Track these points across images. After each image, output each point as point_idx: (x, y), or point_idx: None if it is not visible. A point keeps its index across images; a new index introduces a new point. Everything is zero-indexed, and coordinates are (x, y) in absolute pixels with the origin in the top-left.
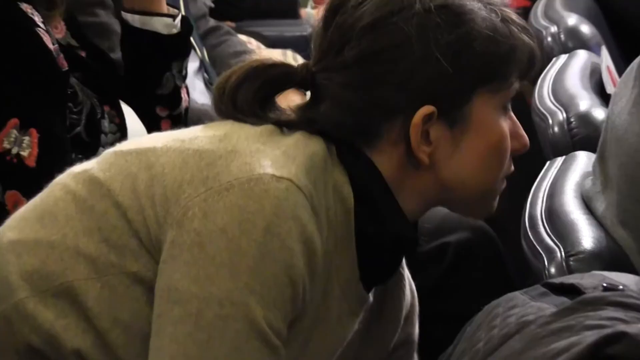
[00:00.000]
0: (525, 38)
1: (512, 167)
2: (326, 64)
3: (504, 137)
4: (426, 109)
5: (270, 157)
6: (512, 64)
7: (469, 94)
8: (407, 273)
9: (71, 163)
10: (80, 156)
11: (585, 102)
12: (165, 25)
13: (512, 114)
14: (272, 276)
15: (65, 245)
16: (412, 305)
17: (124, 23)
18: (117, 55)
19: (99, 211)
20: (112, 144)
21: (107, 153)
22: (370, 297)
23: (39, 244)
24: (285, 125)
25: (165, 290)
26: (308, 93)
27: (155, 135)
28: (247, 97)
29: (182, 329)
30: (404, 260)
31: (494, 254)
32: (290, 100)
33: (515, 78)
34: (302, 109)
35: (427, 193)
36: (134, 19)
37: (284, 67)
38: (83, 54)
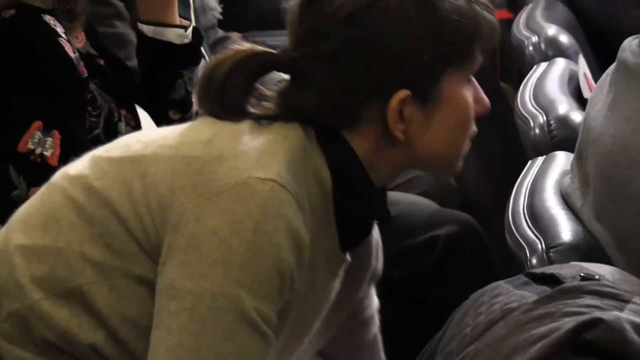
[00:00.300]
0: (487, 15)
1: (475, 129)
2: (305, 52)
3: (470, 107)
4: (402, 94)
5: (254, 158)
6: (477, 41)
7: (440, 75)
8: (377, 237)
9: None
10: None
11: (564, 106)
12: (178, 35)
13: (474, 80)
14: (261, 271)
15: (71, 252)
16: (376, 269)
17: (139, 33)
18: (133, 63)
19: (99, 219)
20: None
21: (99, 159)
22: (348, 257)
23: (47, 251)
24: (265, 119)
25: (164, 289)
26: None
27: (141, 137)
28: (235, 88)
29: (177, 322)
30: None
31: (480, 246)
32: None
33: (479, 53)
34: (283, 95)
35: (401, 164)
36: (149, 30)
37: (267, 55)
38: (102, 62)
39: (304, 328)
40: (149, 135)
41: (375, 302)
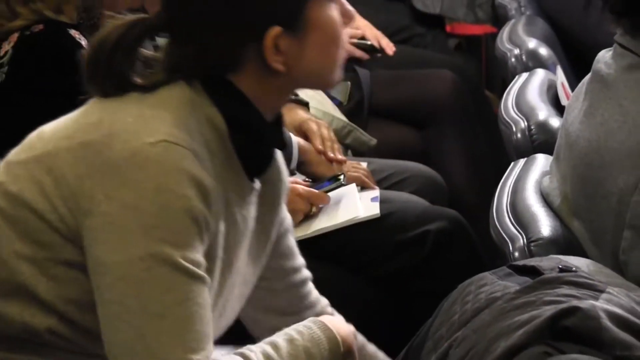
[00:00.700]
0: None
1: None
2: (174, 10)
3: (338, 24)
4: (274, 30)
5: (142, 126)
6: None
7: (304, 4)
8: (287, 178)
9: None
10: None
11: (543, 112)
12: None
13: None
14: (176, 223)
15: (6, 254)
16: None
17: (155, 45)
18: None
19: (21, 219)
20: None
21: (11, 164)
22: (257, 185)
23: None
24: (150, 87)
25: (95, 267)
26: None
27: (42, 134)
28: (121, 62)
29: (117, 292)
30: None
31: (467, 240)
32: (295, 114)
33: None
34: (165, 57)
35: (286, 89)
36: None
37: (143, 21)
38: None
39: (232, 259)
40: (48, 131)
41: (304, 270)
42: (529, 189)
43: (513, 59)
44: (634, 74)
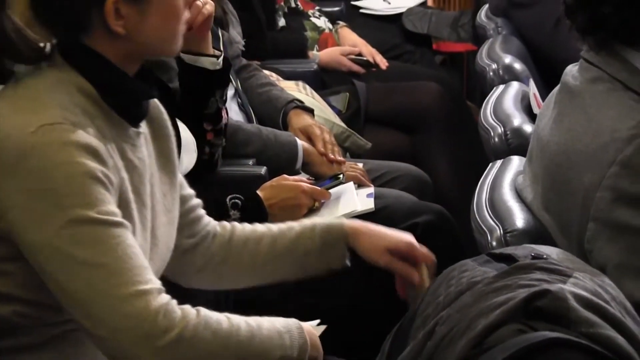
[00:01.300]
0: None
1: (188, 14)
2: None
3: (176, 6)
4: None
5: (19, 120)
6: None
7: None
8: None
9: None
10: None
11: (518, 119)
12: (211, 63)
13: None
14: (81, 187)
15: None
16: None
17: (180, 61)
18: (174, 84)
19: None
20: None
21: None
22: (142, 128)
23: None
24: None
25: (29, 251)
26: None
27: None
28: None
29: (56, 262)
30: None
31: (450, 231)
32: (302, 119)
33: None
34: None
35: (137, 54)
36: (188, 58)
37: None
38: None
39: (144, 198)
40: None
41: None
42: (505, 186)
43: (491, 73)
44: (598, 86)
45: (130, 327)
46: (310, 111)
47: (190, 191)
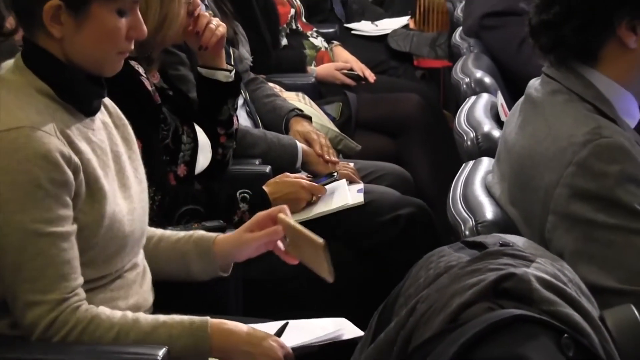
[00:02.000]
0: None
1: (131, 46)
2: None
3: (114, 29)
4: (51, 3)
5: None
6: None
7: (89, 1)
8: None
9: (162, 163)
10: (167, 158)
11: (487, 126)
12: (225, 76)
13: (136, 15)
14: (22, 194)
15: None
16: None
17: (198, 74)
18: (192, 94)
19: None
20: (188, 150)
21: None
22: (97, 120)
23: None
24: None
25: None
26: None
27: None
28: None
29: (11, 261)
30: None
31: (429, 222)
32: (302, 126)
33: None
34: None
35: (72, 56)
36: (205, 72)
37: None
38: (170, 93)
39: (117, 168)
40: None
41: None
42: (477, 184)
43: (464, 86)
44: (557, 97)
45: (26, 326)
46: (308, 118)
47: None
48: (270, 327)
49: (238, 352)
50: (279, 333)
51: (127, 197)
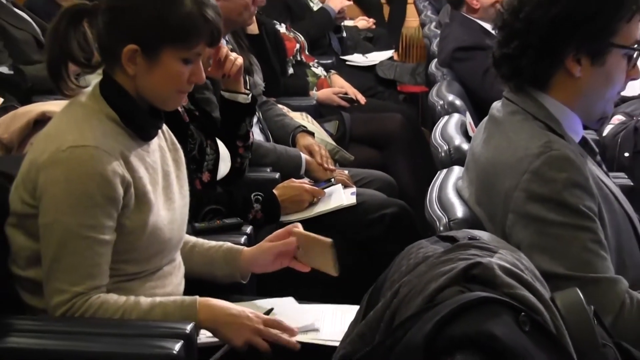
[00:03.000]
0: (212, 24)
1: (190, 88)
2: (98, 5)
3: (179, 75)
4: (131, 47)
5: (59, 137)
6: (196, 37)
7: (160, 47)
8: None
9: (190, 171)
10: (193, 166)
11: (458, 140)
12: (243, 98)
13: (198, 64)
14: (75, 203)
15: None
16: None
17: (221, 97)
18: (215, 114)
19: (18, 210)
20: (211, 160)
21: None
22: (153, 145)
23: None
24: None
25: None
26: None
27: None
28: (66, 75)
29: (42, 242)
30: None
31: (410, 220)
32: (306, 139)
33: (201, 46)
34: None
35: (142, 91)
36: (228, 95)
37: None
38: (197, 113)
39: (165, 185)
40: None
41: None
42: (449, 188)
43: (439, 107)
44: (515, 117)
45: (50, 306)
46: (311, 134)
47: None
48: (273, 302)
49: (221, 322)
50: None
51: (170, 209)
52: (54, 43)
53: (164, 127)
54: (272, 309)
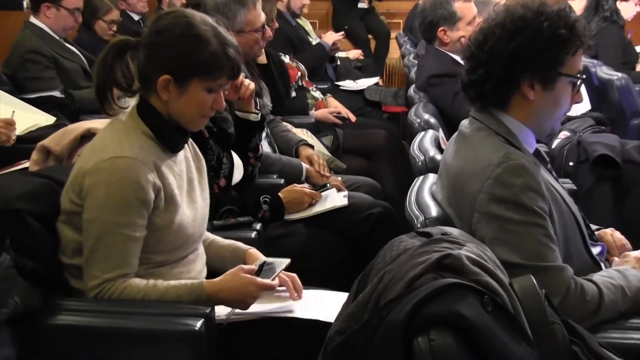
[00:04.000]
0: (232, 58)
1: (212, 113)
2: (139, 42)
3: (201, 103)
4: (166, 77)
5: (102, 148)
6: (220, 70)
7: (190, 79)
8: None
9: (209, 177)
10: (212, 174)
11: (432, 151)
12: (254, 117)
13: (219, 94)
14: (114, 205)
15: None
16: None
17: (235, 116)
18: (230, 130)
19: (67, 208)
20: (227, 168)
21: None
22: (180, 156)
23: None
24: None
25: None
26: None
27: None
28: (111, 98)
29: (84, 234)
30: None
31: (393, 218)
32: (307, 151)
33: (223, 77)
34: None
35: (173, 114)
36: (241, 114)
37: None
38: (215, 129)
39: (189, 190)
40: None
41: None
42: (426, 191)
43: (416, 124)
44: (480, 132)
45: (88, 288)
46: (311, 146)
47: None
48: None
49: (225, 297)
50: (258, 272)
51: (193, 209)
52: (102, 71)
53: (189, 141)
54: (264, 262)
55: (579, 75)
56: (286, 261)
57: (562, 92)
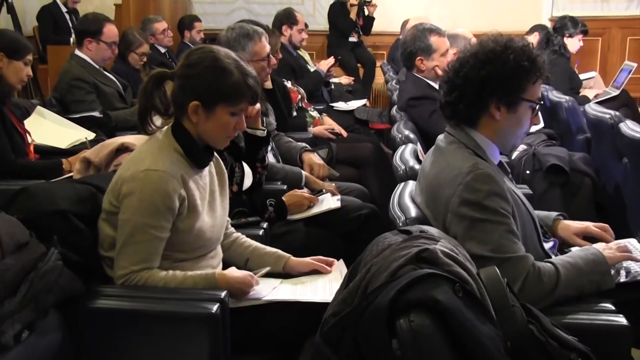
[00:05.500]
0: (251, 87)
1: (235, 133)
2: (174, 72)
3: (225, 125)
4: (195, 103)
5: (139, 161)
6: (242, 97)
7: (215, 104)
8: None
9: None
10: None
11: (412, 162)
12: (261, 133)
13: (241, 117)
14: (146, 210)
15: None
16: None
17: (245, 132)
18: (241, 144)
19: (107, 208)
20: (238, 176)
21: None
22: (206, 171)
23: None
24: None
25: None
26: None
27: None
28: (150, 120)
29: (119, 231)
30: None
31: (378, 218)
32: (309, 157)
33: (245, 103)
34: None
35: (202, 136)
36: (250, 131)
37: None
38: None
39: (210, 201)
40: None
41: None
42: (406, 195)
43: (398, 139)
44: (453, 146)
45: (116, 276)
46: (312, 151)
47: (228, 225)
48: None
49: (232, 286)
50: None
51: (212, 217)
52: (143, 98)
53: (216, 157)
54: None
55: (537, 101)
56: (267, 268)
57: (523, 114)
